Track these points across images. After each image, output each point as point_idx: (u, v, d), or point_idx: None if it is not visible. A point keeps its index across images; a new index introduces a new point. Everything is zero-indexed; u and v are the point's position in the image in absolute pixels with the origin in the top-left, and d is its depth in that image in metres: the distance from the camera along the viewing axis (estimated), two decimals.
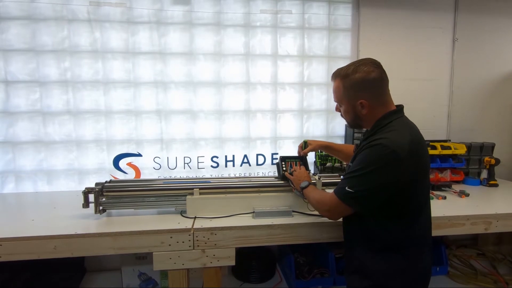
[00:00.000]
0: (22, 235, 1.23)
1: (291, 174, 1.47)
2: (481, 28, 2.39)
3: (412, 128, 1.07)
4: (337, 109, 1.19)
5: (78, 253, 1.25)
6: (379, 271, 1.06)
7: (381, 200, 1.02)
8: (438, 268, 1.83)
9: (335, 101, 1.17)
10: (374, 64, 1.07)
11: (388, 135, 1.01)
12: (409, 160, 0.97)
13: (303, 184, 1.33)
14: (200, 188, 1.46)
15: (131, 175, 2.10)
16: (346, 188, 1.03)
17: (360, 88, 1.06)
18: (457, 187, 1.96)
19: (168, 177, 2.11)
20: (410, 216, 1.05)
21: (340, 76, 1.10)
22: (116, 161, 2.07)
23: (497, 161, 2.08)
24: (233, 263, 1.33)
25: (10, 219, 1.48)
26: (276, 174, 1.62)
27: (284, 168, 1.53)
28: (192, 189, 1.46)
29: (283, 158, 1.56)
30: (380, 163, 0.98)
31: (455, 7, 2.34)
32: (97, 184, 1.46)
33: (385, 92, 1.09)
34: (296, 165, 1.53)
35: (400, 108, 1.11)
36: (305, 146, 1.54)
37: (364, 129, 1.19)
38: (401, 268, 1.05)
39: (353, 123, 1.16)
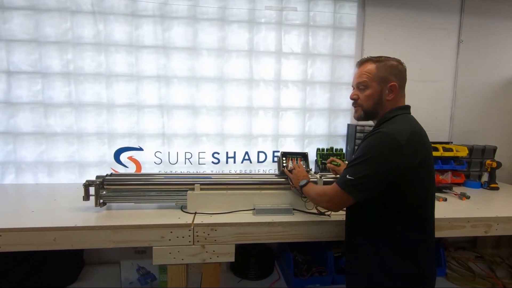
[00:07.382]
0: (22, 226, 1.23)
1: (290, 171, 1.46)
2: (486, 31, 2.37)
3: (414, 123, 1.10)
4: (354, 95, 1.16)
5: (78, 245, 1.25)
6: (380, 271, 1.06)
7: (380, 187, 1.02)
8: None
9: (359, 84, 1.14)
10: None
11: (390, 126, 1.06)
12: (408, 147, 1.00)
13: (302, 182, 1.32)
14: (201, 184, 1.46)
15: (131, 169, 2.09)
16: (347, 176, 1.05)
17: (393, 72, 1.12)
18: (458, 189, 1.96)
19: (169, 172, 2.11)
20: (412, 215, 1.05)
21: (373, 60, 1.14)
22: (117, 154, 2.07)
23: (499, 165, 2.08)
24: (232, 259, 1.33)
25: (10, 210, 1.48)
26: (277, 171, 1.61)
27: (284, 164, 1.53)
28: (193, 184, 1.46)
29: (285, 154, 1.57)
30: (379, 150, 1.01)
31: (461, 9, 2.32)
32: (98, 177, 1.46)
33: (405, 87, 1.16)
34: (296, 161, 1.52)
35: (407, 106, 1.16)
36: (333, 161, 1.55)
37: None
38: (403, 269, 1.05)
39: (371, 110, 1.13)
